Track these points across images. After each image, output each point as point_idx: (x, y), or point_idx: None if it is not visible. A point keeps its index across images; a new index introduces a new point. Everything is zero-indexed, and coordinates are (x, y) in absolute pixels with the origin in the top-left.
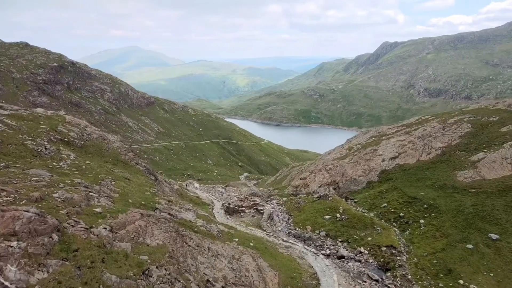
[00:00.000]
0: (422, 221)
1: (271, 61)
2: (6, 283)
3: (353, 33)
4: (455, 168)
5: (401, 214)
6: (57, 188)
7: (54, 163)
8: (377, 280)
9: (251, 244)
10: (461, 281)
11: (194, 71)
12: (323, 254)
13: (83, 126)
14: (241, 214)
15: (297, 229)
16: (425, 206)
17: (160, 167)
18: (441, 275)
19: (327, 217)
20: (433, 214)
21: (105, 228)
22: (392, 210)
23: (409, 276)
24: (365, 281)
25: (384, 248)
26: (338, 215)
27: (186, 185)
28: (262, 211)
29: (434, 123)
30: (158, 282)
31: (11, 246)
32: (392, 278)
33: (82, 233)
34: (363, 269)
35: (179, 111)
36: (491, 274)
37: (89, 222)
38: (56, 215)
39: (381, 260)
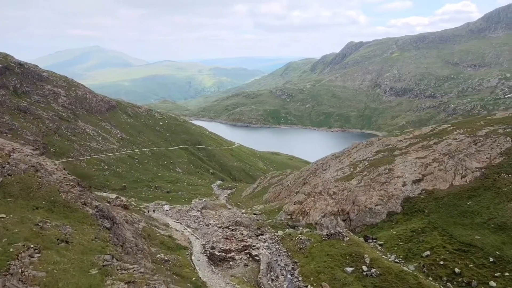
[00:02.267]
0: (493, 284)
1: (237, 61)
2: None
3: (317, 33)
4: (511, 199)
5: (457, 270)
6: None
7: None
8: None
9: None
10: None
11: (158, 72)
12: None
13: (7, 151)
14: (230, 262)
15: (309, 287)
16: (491, 259)
17: (124, 179)
18: None
19: (349, 269)
20: (507, 274)
21: None
22: (441, 262)
23: None
24: None
25: None
26: (364, 268)
27: (154, 210)
28: (256, 257)
29: (459, 135)
30: None
31: None
32: None
33: None
34: None
35: (143, 115)
36: None
37: None
38: None
39: None
